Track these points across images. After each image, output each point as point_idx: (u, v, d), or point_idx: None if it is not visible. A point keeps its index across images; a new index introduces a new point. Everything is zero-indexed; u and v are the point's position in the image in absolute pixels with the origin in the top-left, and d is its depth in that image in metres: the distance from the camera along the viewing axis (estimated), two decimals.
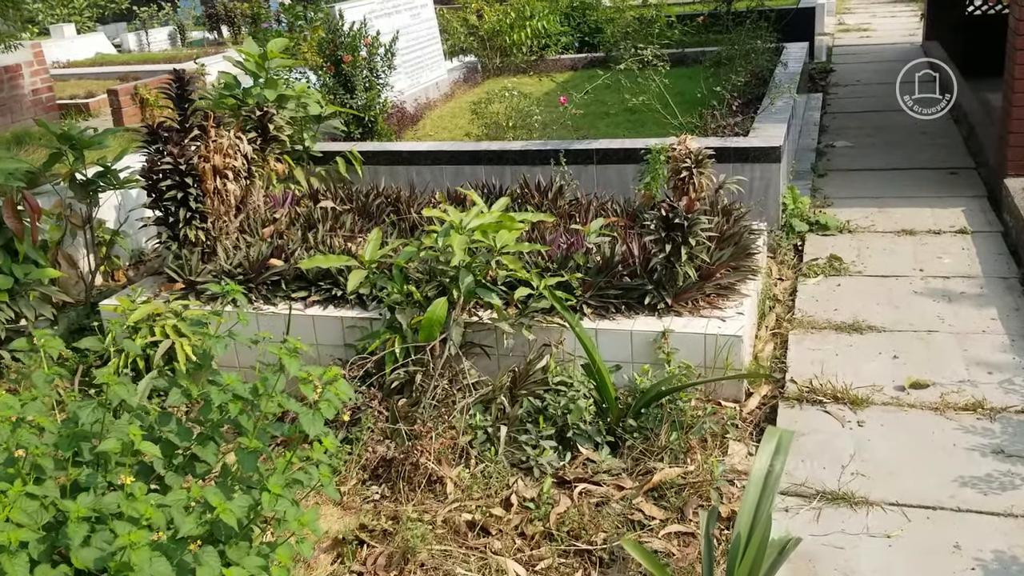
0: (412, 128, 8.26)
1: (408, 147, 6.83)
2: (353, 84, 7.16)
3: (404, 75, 9.02)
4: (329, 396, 2.56)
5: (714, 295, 4.54)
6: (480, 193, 5.81)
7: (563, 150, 6.41)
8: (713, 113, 6.50)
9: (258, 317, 4.85)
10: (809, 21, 11.98)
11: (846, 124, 8.84)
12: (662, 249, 4.33)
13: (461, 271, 4.11)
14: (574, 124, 7.76)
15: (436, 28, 9.78)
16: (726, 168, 6.01)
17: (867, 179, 7.08)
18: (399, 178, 6.86)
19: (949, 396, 4.00)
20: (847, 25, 14.88)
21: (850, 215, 6.33)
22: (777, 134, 6.12)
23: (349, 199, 5.97)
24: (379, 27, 8.55)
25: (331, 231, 5.48)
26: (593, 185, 6.42)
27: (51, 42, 17.16)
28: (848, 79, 10.91)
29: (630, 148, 6.26)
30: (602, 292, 4.47)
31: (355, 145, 6.94)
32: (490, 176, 6.61)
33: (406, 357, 4.18)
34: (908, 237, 5.86)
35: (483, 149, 6.60)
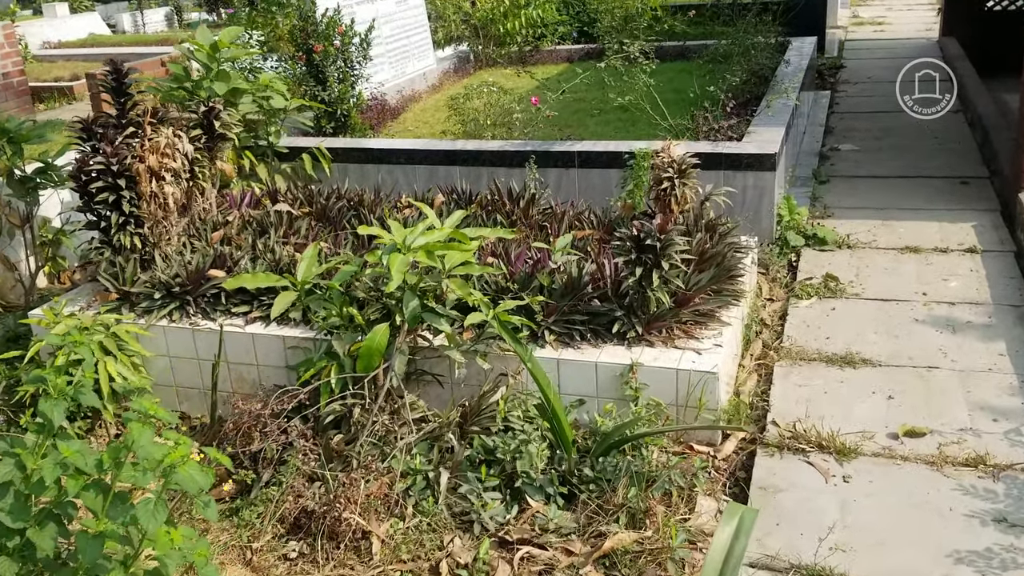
0: (393, 122, 7.81)
1: (380, 144, 6.39)
2: (325, 75, 6.71)
3: (387, 65, 8.57)
4: (180, 479, 2.12)
5: (691, 323, 4.10)
6: (449, 198, 5.39)
7: (543, 152, 5.97)
8: (706, 115, 6.04)
9: (195, 334, 4.43)
10: (819, 13, 11.45)
11: (853, 125, 8.35)
12: (632, 272, 3.89)
13: (406, 294, 3.68)
14: (560, 122, 7.31)
15: (424, 15, 9.32)
16: (717, 176, 5.56)
17: (872, 187, 6.61)
18: (369, 177, 6.43)
19: (948, 447, 3.55)
20: (861, 18, 14.33)
21: (851, 228, 5.87)
22: (773, 140, 5.66)
23: (309, 201, 5.54)
24: (361, 14, 8.10)
25: (284, 238, 5.06)
26: (575, 190, 5.97)
27: (43, 22, 16.77)
28: (859, 76, 10.40)
29: (614, 151, 5.81)
30: (567, 317, 4.04)
31: (324, 141, 6.50)
32: (466, 177, 6.18)
33: (345, 388, 3.76)
34: (912, 255, 5.39)
35: (459, 149, 6.15)
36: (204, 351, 4.42)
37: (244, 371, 4.43)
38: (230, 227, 5.20)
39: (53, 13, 17.49)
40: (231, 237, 5.12)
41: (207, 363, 4.40)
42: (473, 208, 5.19)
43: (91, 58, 14.73)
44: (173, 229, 4.82)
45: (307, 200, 5.57)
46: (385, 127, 7.62)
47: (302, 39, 6.75)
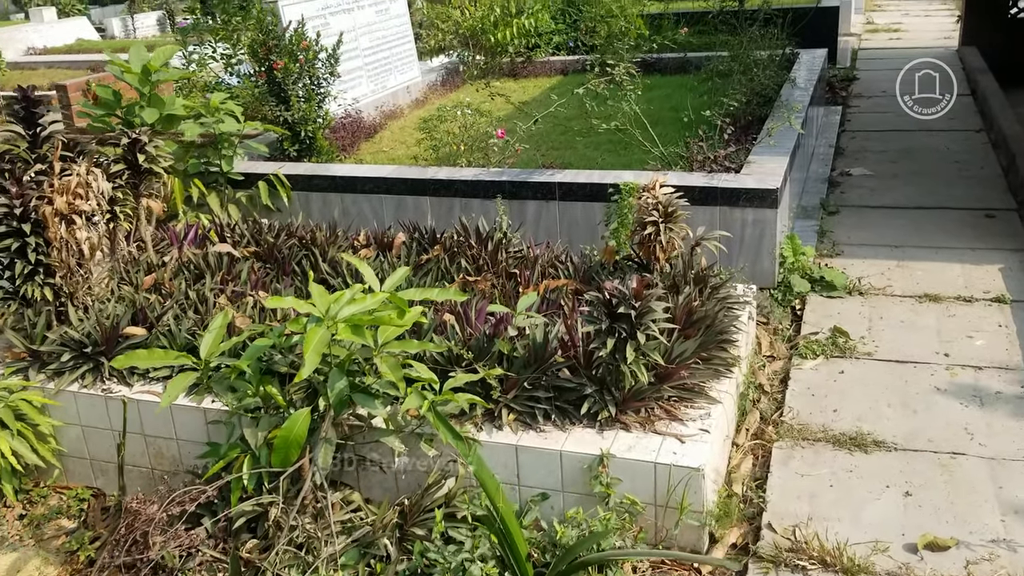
0: (367, 142, 7.24)
1: (344, 171, 5.82)
2: (287, 94, 6.14)
3: (366, 79, 8.00)
4: None
5: (675, 399, 3.51)
6: (411, 238, 4.81)
7: (519, 182, 5.38)
8: (700, 143, 5.43)
9: (107, 401, 3.86)
10: (831, 22, 10.82)
11: (866, 146, 7.72)
12: (603, 344, 3.30)
13: (332, 372, 3.10)
14: (547, 142, 6.72)
15: (408, 25, 8.74)
16: (712, 213, 4.97)
17: (886, 220, 5.99)
18: (333, 207, 5.86)
19: (978, 566, 2.95)
20: (876, 25, 13.68)
21: (863, 270, 5.26)
22: (775, 172, 5.06)
23: (256, 239, 4.97)
24: (335, 25, 7.53)
25: (221, 284, 4.49)
26: (555, 226, 5.39)
27: (28, 27, 16.29)
28: (872, 89, 9.76)
29: (598, 183, 5.23)
30: (529, 393, 3.45)
31: (283, 166, 5.93)
32: (436, 209, 5.61)
33: (261, 483, 3.18)
34: (932, 305, 4.78)
35: (428, 178, 5.58)
36: (119, 420, 3.85)
37: (163, 446, 3.86)
38: (164, 271, 4.64)
39: (40, 18, 16.99)
40: (163, 283, 4.56)
41: (126, 434, 3.83)
42: (436, 251, 4.62)
43: (75, 65, 14.24)
44: (92, 277, 4.25)
45: (254, 238, 5.00)
46: (358, 148, 7.05)
47: (263, 54, 6.18)
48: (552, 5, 10.28)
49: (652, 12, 11.05)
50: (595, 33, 9.74)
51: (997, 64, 9.50)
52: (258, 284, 4.49)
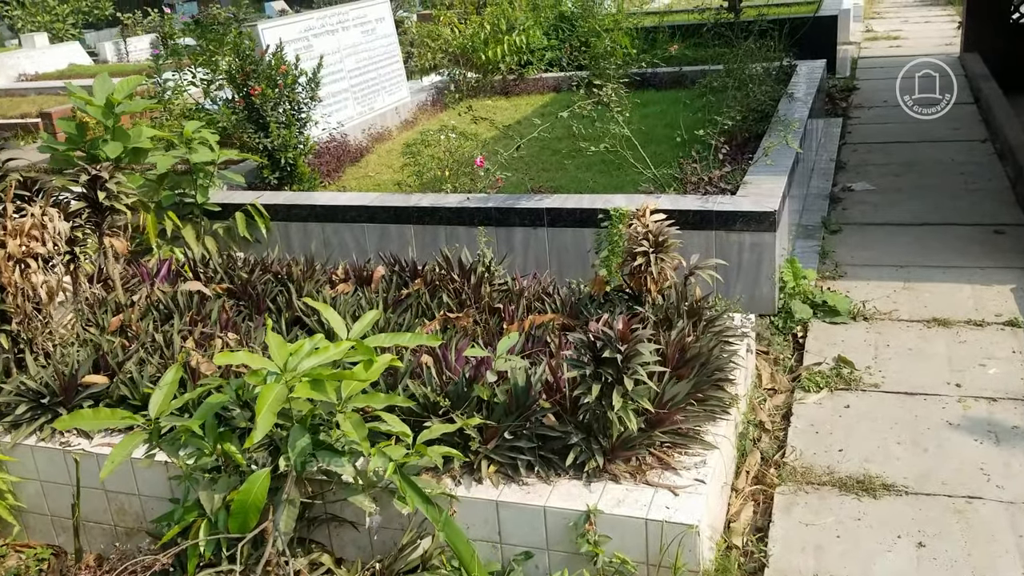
0: (353, 166, 7.02)
1: (324, 200, 5.60)
2: (265, 120, 5.93)
3: (352, 101, 7.79)
4: None
5: (668, 445, 3.26)
6: (391, 271, 4.58)
7: (506, 208, 5.16)
8: (694, 164, 5.20)
9: (66, 456, 3.63)
10: (830, 31, 10.61)
11: (868, 159, 7.49)
12: (587, 390, 3.06)
13: (294, 429, 2.87)
14: (537, 164, 6.50)
15: (396, 45, 8.54)
16: (707, 237, 4.74)
17: (891, 238, 5.75)
18: (314, 238, 5.64)
19: None
20: (875, 32, 13.45)
21: (867, 292, 5.01)
22: (773, 192, 4.82)
23: (229, 275, 4.75)
24: (319, 47, 7.34)
25: (190, 325, 4.27)
26: (544, 253, 5.16)
27: (20, 53, 16.15)
28: (873, 99, 9.53)
29: (588, 208, 4.99)
30: (510, 443, 3.21)
31: (262, 196, 5.72)
32: (421, 238, 5.39)
33: (220, 549, 2.95)
34: (941, 330, 4.54)
35: (412, 206, 5.35)
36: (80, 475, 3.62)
37: (125, 502, 3.63)
38: (131, 311, 4.41)
39: (32, 44, 16.86)
40: (131, 324, 4.33)
41: (85, 489, 3.60)
42: (417, 285, 4.38)
43: (64, 91, 14.08)
44: (53, 322, 4.03)
45: (228, 273, 4.78)
46: (343, 173, 6.84)
47: (241, 80, 5.98)
48: (545, 21, 10.09)
49: (647, 26, 10.86)
50: (587, 49, 9.56)
51: (1000, 70, 9.26)
52: (229, 325, 4.27)
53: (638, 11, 12.79)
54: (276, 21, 6.95)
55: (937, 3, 15.97)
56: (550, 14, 10.27)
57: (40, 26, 19.36)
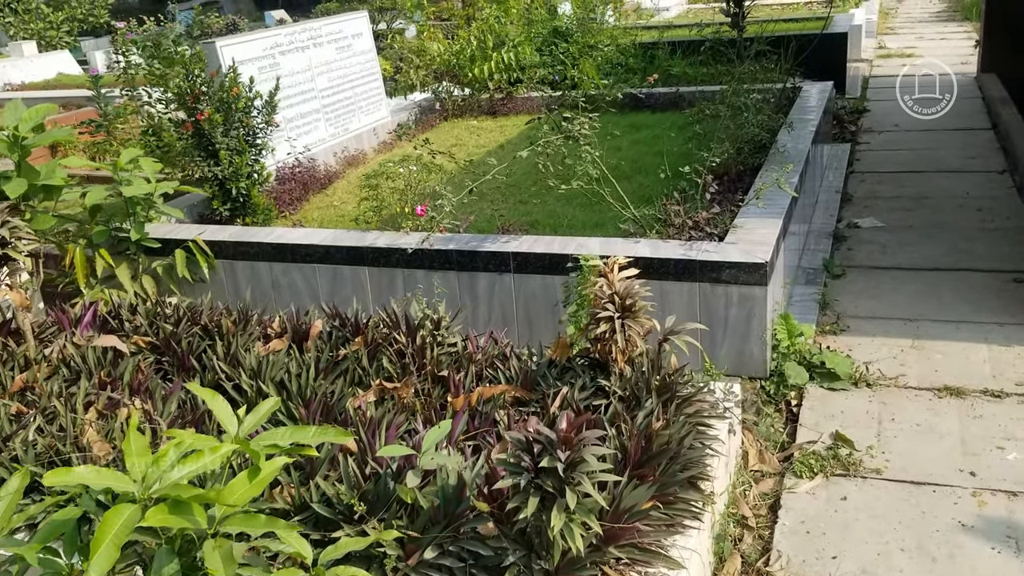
0: (318, 194, 6.52)
1: (272, 238, 5.09)
2: (215, 147, 5.43)
3: (323, 122, 7.30)
4: None
5: (626, 563, 2.73)
6: (330, 325, 4.06)
7: (469, 252, 4.64)
8: (678, 205, 4.66)
9: None
10: (840, 49, 10.07)
11: (877, 190, 6.94)
12: (524, 502, 2.52)
13: (160, 553, 2.34)
14: (517, 194, 5.98)
15: (375, 62, 8.04)
16: (690, 291, 4.21)
17: (899, 285, 5.20)
18: (262, 278, 5.13)
19: None
20: (888, 50, 12.89)
21: (872, 351, 4.47)
22: (765, 240, 4.29)
23: (154, 327, 4.25)
24: (287, 65, 6.85)
25: (99, 388, 3.76)
26: (511, 302, 4.63)
27: (7, 62, 15.75)
28: (884, 123, 8.98)
29: (557, 254, 4.47)
30: (435, 560, 2.68)
31: (206, 230, 5.21)
32: (376, 282, 4.87)
33: None
34: (954, 401, 3.99)
35: (367, 246, 4.84)
36: None
37: None
38: (37, 369, 3.92)
39: (20, 52, 16.48)
40: (35, 384, 3.84)
41: None
42: (356, 344, 3.87)
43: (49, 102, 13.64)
44: None
45: (151, 324, 4.27)
46: (307, 202, 6.33)
47: (190, 102, 5.49)
48: (537, 37, 9.59)
49: (645, 41, 10.35)
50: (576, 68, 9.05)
51: (1020, 93, 8.70)
52: (141, 389, 3.76)
53: (637, 25, 12.30)
54: (237, 38, 6.46)
55: (953, 19, 15.40)
56: (542, 29, 9.77)
57: (33, 33, 18.99)
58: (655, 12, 16.54)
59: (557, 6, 11.92)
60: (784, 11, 15.50)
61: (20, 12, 18.83)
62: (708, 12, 16.15)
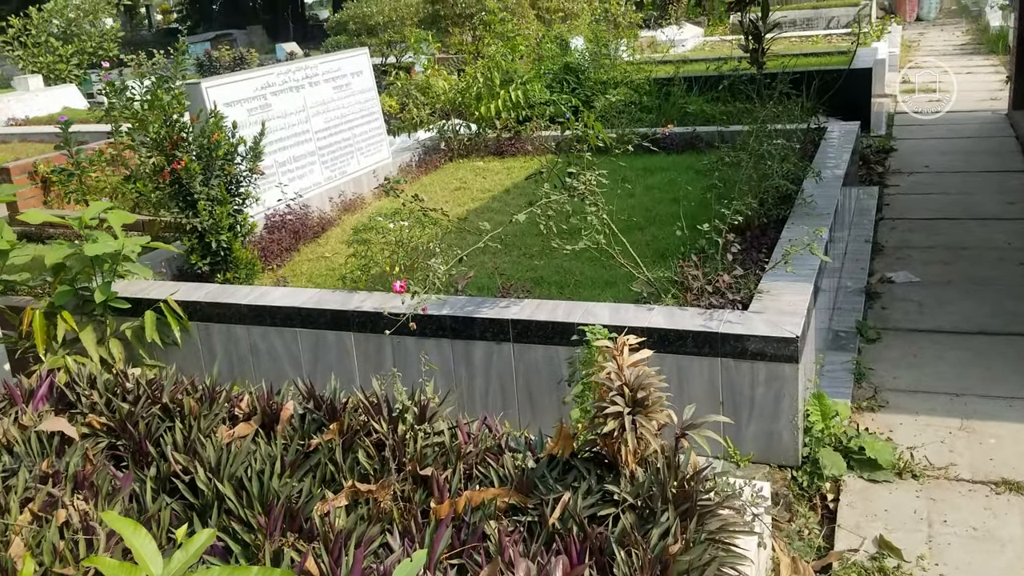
0: (309, 244, 6.10)
1: (250, 299, 4.64)
2: (193, 197, 5.02)
3: (319, 165, 6.89)
4: None
5: None
6: (303, 407, 3.60)
7: (464, 318, 4.18)
8: (696, 268, 4.19)
9: None
10: (863, 84, 9.62)
11: (909, 239, 6.45)
12: None
13: None
14: (521, 247, 5.54)
15: (375, 101, 7.65)
16: (711, 367, 3.74)
17: (942, 351, 4.71)
18: (239, 343, 4.69)
19: None
20: (913, 84, 12.43)
21: (915, 433, 3.97)
22: (795, 309, 3.81)
23: (111, 405, 3.80)
24: (279, 106, 6.46)
25: (41, 480, 3.31)
26: (510, 376, 4.17)
27: (11, 96, 15.51)
28: (913, 163, 8.50)
29: (561, 322, 4.00)
30: None
31: (177, 290, 4.78)
32: (363, 351, 4.42)
33: None
34: (1014, 499, 3.48)
35: (352, 310, 4.39)
36: None
37: None
38: None
39: (25, 86, 16.26)
40: None
41: None
42: (331, 433, 3.40)
43: (50, 138, 13.36)
44: None
45: (108, 403, 3.83)
46: (297, 253, 5.91)
47: (169, 149, 5.08)
48: (547, 73, 9.19)
49: (660, 77, 9.94)
50: (592, 106, 8.63)
51: None
52: (86, 484, 3.31)
53: (652, 60, 11.90)
54: (224, 78, 6.08)
55: (978, 52, 14.95)
56: (553, 65, 9.37)
57: (43, 67, 18.82)
58: (671, 45, 16.19)
59: (569, 40, 11.57)
60: (802, 44, 15.11)
61: (29, 46, 18.68)
62: (724, 45, 15.79)
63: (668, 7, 19.40)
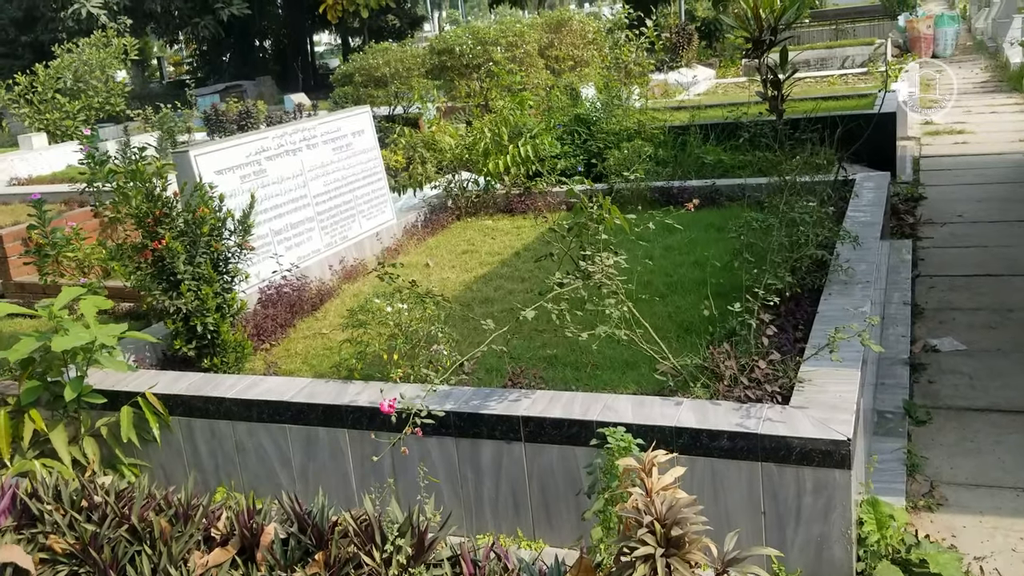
0: (309, 316, 5.71)
1: (235, 392, 4.23)
2: (176, 278, 4.64)
3: (318, 232, 6.52)
4: None
5: None
6: (287, 528, 3.17)
7: (469, 415, 3.75)
8: (731, 348, 3.76)
9: None
10: (888, 129, 9.20)
11: (951, 300, 6.00)
12: None
13: None
14: (531, 326, 5.10)
15: (378, 161, 7.30)
16: (749, 472, 3.30)
17: (1001, 434, 4.24)
18: (224, 440, 4.27)
19: None
20: (936, 125, 12.02)
21: (981, 540, 3.50)
22: (843, 403, 3.36)
23: (75, 525, 3.38)
24: (275, 171, 6.11)
25: None
26: (522, 480, 3.73)
27: (14, 155, 15.33)
28: (945, 212, 8.06)
29: (578, 420, 3.57)
30: None
31: (157, 382, 4.37)
32: (358, 450, 4.00)
33: None
34: None
35: (347, 404, 3.97)
36: None
37: None
38: None
39: (29, 145, 16.07)
40: None
41: None
42: (314, 568, 2.97)
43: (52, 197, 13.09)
44: None
45: (71, 524, 3.41)
46: (292, 330, 5.51)
47: (150, 225, 4.72)
48: (558, 125, 8.84)
49: (675, 125, 9.58)
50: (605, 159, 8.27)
51: None
52: None
53: (667, 107, 11.56)
54: (214, 145, 5.73)
55: (1000, 90, 14.54)
56: (563, 117, 9.02)
57: (49, 124, 18.68)
58: (684, 88, 15.87)
59: (579, 89, 11.25)
60: (818, 85, 14.75)
61: (35, 103, 18.55)
62: (738, 88, 15.45)
63: (679, 50, 19.12)
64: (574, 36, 14.63)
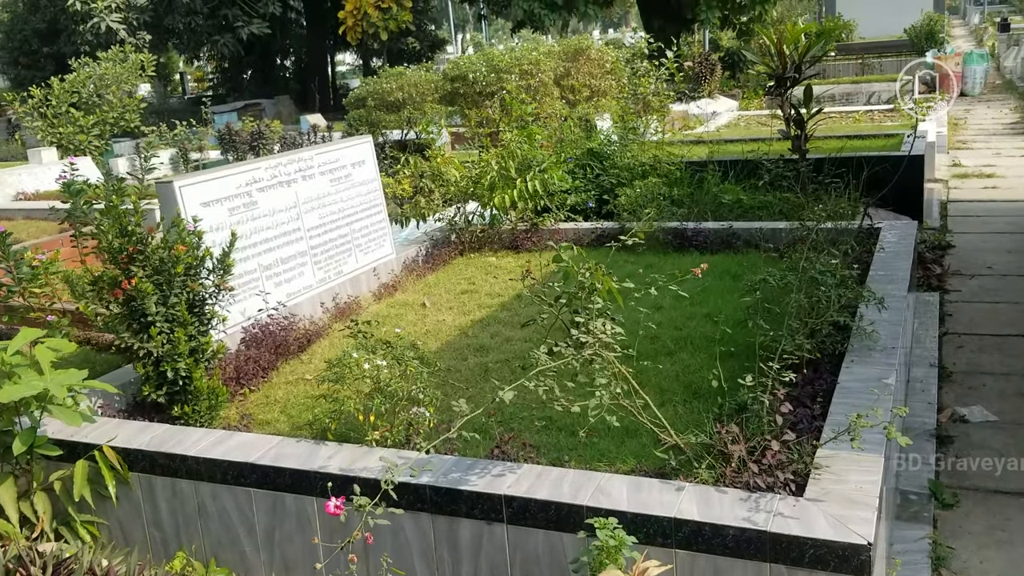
0: (295, 359, 5.38)
1: (197, 450, 3.88)
2: (147, 320, 4.32)
3: (310, 267, 6.20)
4: None
5: None
6: None
7: (447, 490, 3.39)
8: (741, 431, 3.38)
9: None
10: (915, 172, 8.81)
11: (980, 363, 5.60)
12: None
13: None
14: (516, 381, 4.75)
15: (378, 192, 6.99)
16: (755, 572, 2.91)
17: None
18: (185, 503, 3.93)
19: None
20: (965, 167, 11.60)
21: None
22: (863, 498, 2.99)
23: None
24: (266, 203, 5.81)
25: None
26: (504, 568, 3.36)
27: (23, 169, 15.18)
28: (974, 263, 7.66)
29: (567, 504, 3.20)
30: None
31: (116, 435, 4.04)
32: (328, 519, 3.64)
33: None
34: None
35: (316, 470, 3.62)
36: None
37: None
38: None
39: (38, 159, 15.93)
40: None
41: None
42: None
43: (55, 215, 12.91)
44: None
45: None
46: (274, 374, 5.18)
47: (123, 262, 4.41)
48: (569, 159, 8.51)
49: (693, 160, 9.23)
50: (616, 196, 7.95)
51: None
52: None
53: (685, 140, 11.23)
54: (202, 175, 5.42)
55: None
56: (575, 150, 8.70)
57: (62, 138, 18.56)
58: (705, 120, 15.55)
59: (594, 120, 10.94)
60: (843, 121, 14.38)
61: (48, 116, 18.44)
62: (760, 122, 15.11)
63: (702, 80, 18.81)
64: (592, 65, 14.35)
